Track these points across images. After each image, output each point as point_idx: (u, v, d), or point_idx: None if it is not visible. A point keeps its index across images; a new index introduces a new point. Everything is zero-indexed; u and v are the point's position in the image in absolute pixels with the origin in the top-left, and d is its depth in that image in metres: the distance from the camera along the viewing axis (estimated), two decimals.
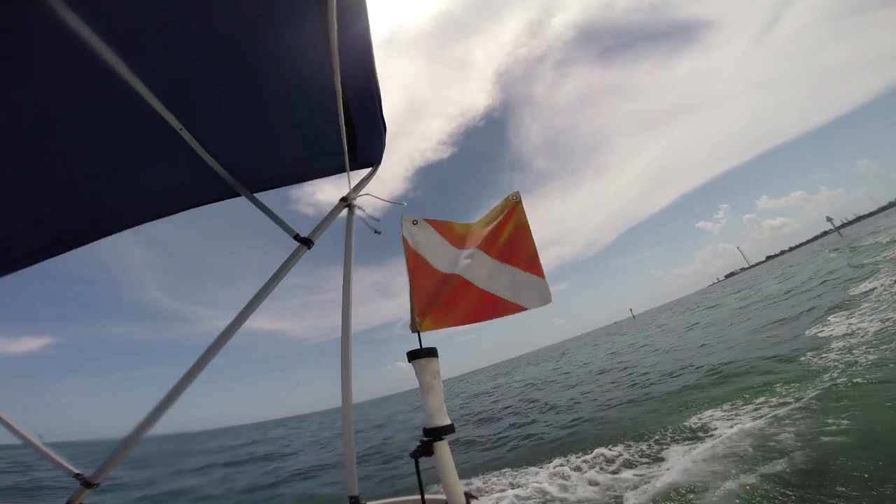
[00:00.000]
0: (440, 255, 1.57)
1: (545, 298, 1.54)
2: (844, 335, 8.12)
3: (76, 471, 1.35)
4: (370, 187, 1.74)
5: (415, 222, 1.59)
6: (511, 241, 1.58)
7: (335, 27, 1.06)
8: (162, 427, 1.39)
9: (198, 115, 1.35)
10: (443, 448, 1.23)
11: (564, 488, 5.34)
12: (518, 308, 1.54)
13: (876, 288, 10.98)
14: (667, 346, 18.23)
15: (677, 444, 5.77)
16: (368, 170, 1.74)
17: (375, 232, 1.69)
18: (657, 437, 6.27)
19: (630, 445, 6.24)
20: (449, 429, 1.26)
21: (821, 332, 9.16)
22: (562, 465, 6.26)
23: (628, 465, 5.60)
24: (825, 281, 16.72)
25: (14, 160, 1.31)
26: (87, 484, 1.26)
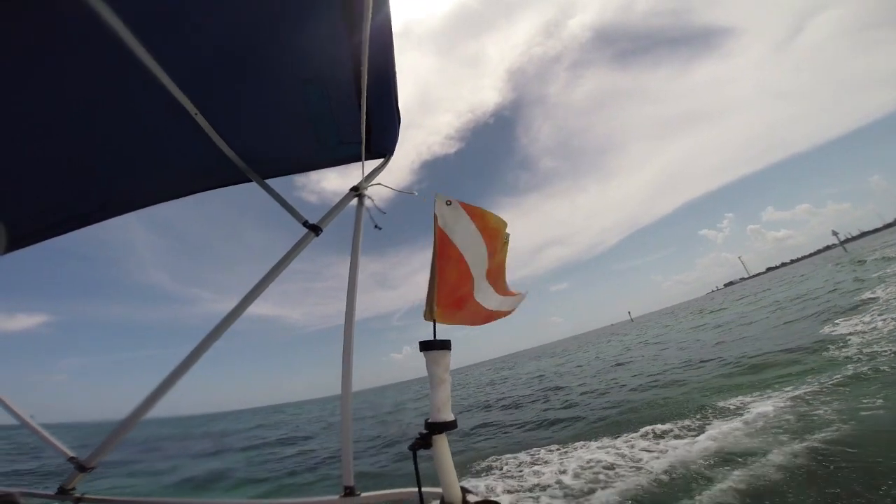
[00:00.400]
0: (469, 245, 1.51)
1: (520, 299, 1.67)
2: (860, 332, 8.85)
3: (71, 454, 1.31)
4: (381, 178, 1.73)
5: (448, 203, 1.50)
6: (495, 269, 1.62)
7: (363, 18, 1.07)
8: (155, 410, 1.36)
9: (214, 101, 1.37)
10: (442, 442, 1.22)
11: (621, 456, 5.96)
12: (502, 314, 1.64)
13: (880, 297, 11.82)
14: (678, 343, 18.66)
15: (719, 420, 6.41)
16: (380, 160, 1.73)
17: (376, 227, 1.68)
18: (698, 416, 6.92)
19: (676, 422, 6.86)
20: (452, 424, 1.24)
21: (835, 330, 9.89)
22: (612, 440, 6.91)
23: (677, 437, 6.20)
24: (833, 290, 17.44)
25: (31, 139, 1.34)
26: (82, 468, 1.23)
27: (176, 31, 1.09)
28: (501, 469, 6.63)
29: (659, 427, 6.78)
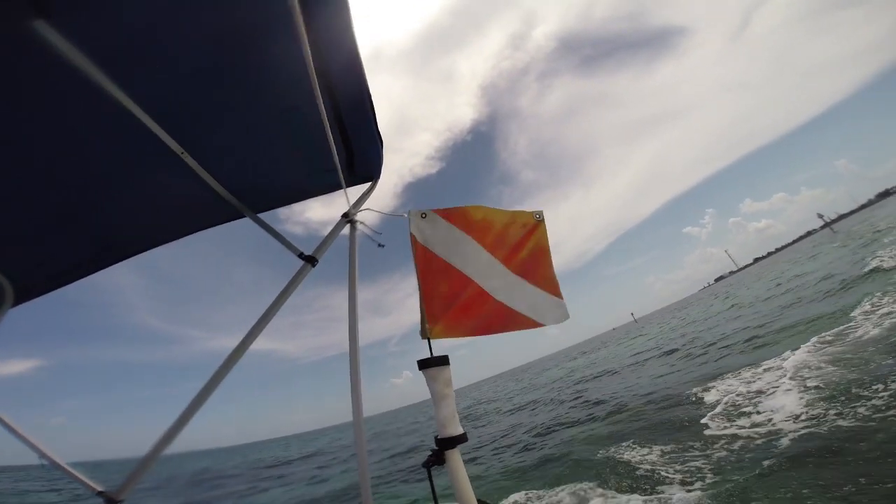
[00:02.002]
0: (455, 250, 1.49)
1: (563, 316, 1.53)
2: None
3: (99, 488, 1.33)
4: (370, 202, 1.73)
5: (423, 215, 1.51)
6: (530, 258, 1.56)
7: (321, 44, 1.11)
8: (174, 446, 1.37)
9: (198, 139, 1.37)
10: (455, 457, 1.22)
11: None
12: (535, 324, 1.51)
13: None
14: (725, 323, 19.18)
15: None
16: (368, 184, 1.75)
17: (379, 245, 1.67)
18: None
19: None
20: (461, 438, 1.24)
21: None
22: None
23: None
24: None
25: (25, 194, 1.34)
26: (111, 501, 1.23)
27: (151, 71, 1.10)
28: None
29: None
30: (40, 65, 0.97)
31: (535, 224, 1.59)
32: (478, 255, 1.52)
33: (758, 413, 6.34)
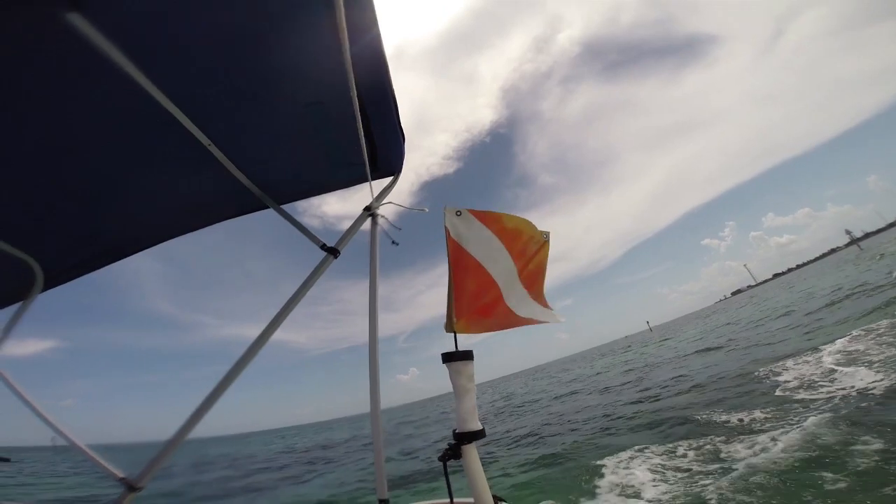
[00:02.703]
0: (486, 250, 1.52)
1: (557, 319, 1.64)
2: None
3: (121, 474, 1.34)
4: (392, 196, 1.76)
5: (458, 213, 1.52)
6: (534, 272, 1.65)
7: (347, 39, 1.11)
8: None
9: (225, 131, 1.40)
10: (471, 452, 1.22)
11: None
12: (536, 321, 1.62)
13: None
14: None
15: None
16: (390, 179, 1.76)
17: (393, 243, 1.69)
18: None
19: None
20: (480, 434, 1.25)
21: None
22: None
23: None
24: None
25: (57, 181, 1.39)
26: (132, 488, 1.25)
27: (181, 63, 1.12)
28: None
29: None
30: (74, 57, 0.99)
31: (543, 244, 1.67)
32: (505, 260, 1.56)
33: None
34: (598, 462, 6.89)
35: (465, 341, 1.39)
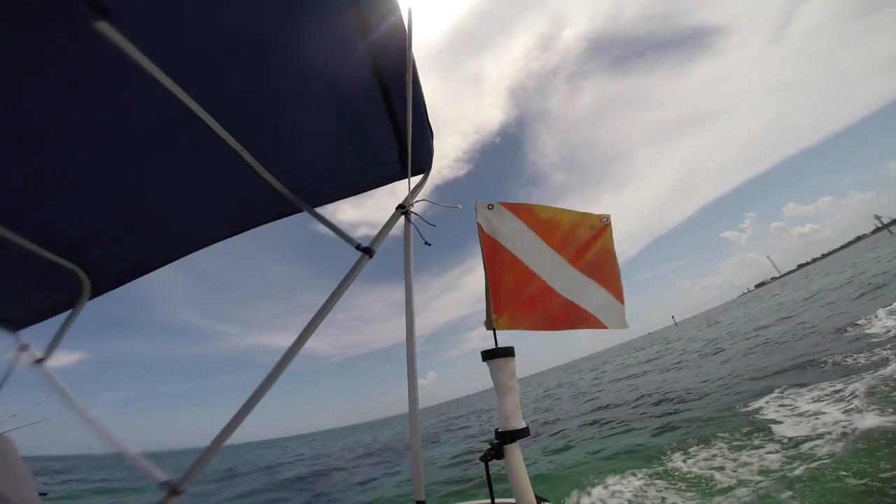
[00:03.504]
0: (522, 243, 1.49)
1: (623, 323, 1.50)
2: None
3: (164, 478, 1.37)
4: (424, 193, 1.75)
5: (490, 207, 1.51)
6: (597, 259, 1.55)
7: (375, 38, 1.12)
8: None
9: (256, 136, 1.41)
10: (514, 451, 1.20)
11: None
12: (600, 325, 1.48)
13: None
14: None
15: None
16: (420, 176, 1.76)
17: (426, 243, 1.67)
18: None
19: None
20: (524, 432, 1.22)
21: None
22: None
23: None
24: None
25: (101, 192, 1.43)
26: (174, 491, 1.28)
27: (211, 70, 1.14)
28: None
29: None
30: (105, 65, 1.01)
31: (603, 227, 1.57)
32: (543, 252, 1.51)
33: None
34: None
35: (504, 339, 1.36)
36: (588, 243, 1.55)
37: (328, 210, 1.83)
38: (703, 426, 7.11)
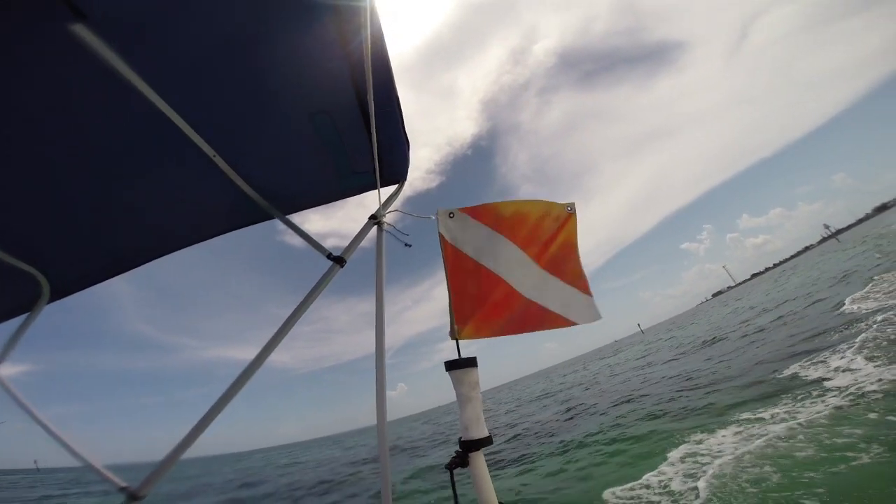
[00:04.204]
0: (484, 248, 1.48)
1: (594, 316, 1.49)
2: None
3: (122, 484, 1.34)
4: (398, 203, 1.75)
5: (451, 215, 1.52)
6: (560, 252, 1.51)
7: (354, 47, 1.12)
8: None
9: (230, 141, 1.40)
10: (478, 459, 1.21)
11: None
12: (567, 322, 1.47)
13: None
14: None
15: None
16: (395, 187, 1.76)
17: (406, 245, 1.67)
18: None
19: None
20: (486, 441, 1.24)
21: None
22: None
23: None
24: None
25: (62, 193, 1.38)
26: (133, 497, 1.25)
27: (185, 74, 1.13)
28: None
29: None
30: (79, 67, 1.00)
31: (567, 216, 1.54)
32: (509, 252, 1.49)
33: None
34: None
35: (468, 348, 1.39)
36: (553, 236, 1.52)
37: (298, 219, 1.81)
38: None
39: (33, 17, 0.88)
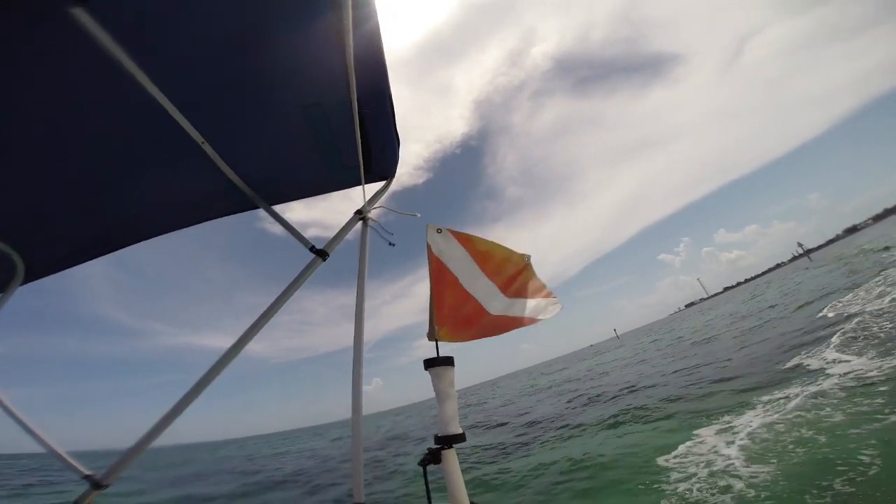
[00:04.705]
0: (463, 269, 1.60)
1: (556, 310, 1.68)
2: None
3: (87, 472, 1.32)
4: (384, 200, 1.74)
5: (439, 231, 1.60)
6: (521, 286, 1.73)
7: (350, 42, 1.11)
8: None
9: (219, 129, 1.39)
10: (451, 456, 1.23)
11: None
12: (533, 321, 1.65)
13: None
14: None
15: None
16: (382, 183, 1.76)
17: (390, 244, 1.69)
18: None
19: None
20: (460, 437, 1.26)
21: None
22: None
23: None
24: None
25: (42, 172, 1.36)
26: (97, 485, 1.24)
27: (178, 60, 1.12)
28: None
29: None
30: (74, 49, 0.99)
31: (524, 266, 1.76)
32: (480, 278, 1.65)
33: None
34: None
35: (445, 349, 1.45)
36: (515, 275, 1.73)
37: (283, 209, 1.81)
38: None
39: (34, 1, 0.87)
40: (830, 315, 13.03)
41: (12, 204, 1.48)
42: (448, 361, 1.34)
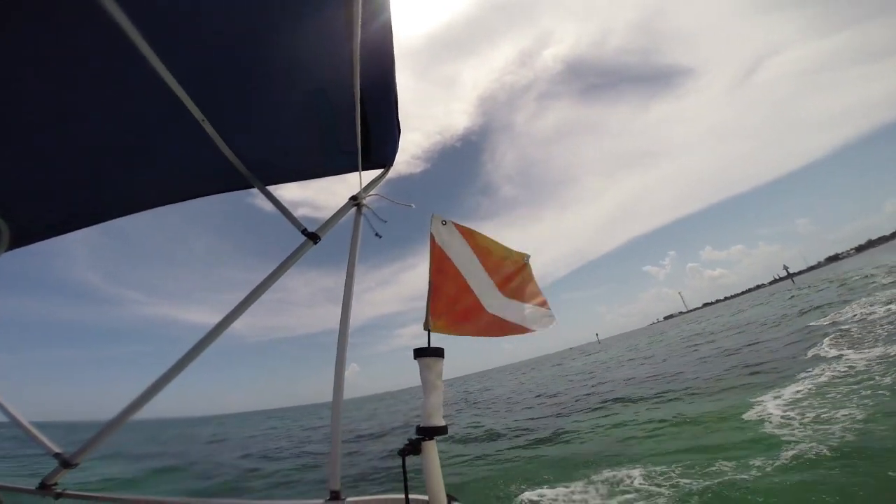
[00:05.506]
0: (464, 262, 1.63)
1: (550, 321, 1.70)
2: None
3: (56, 450, 1.29)
4: (380, 188, 1.74)
5: (444, 222, 1.62)
6: (520, 286, 1.74)
7: (359, 28, 1.10)
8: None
9: (220, 108, 1.38)
10: (431, 448, 1.23)
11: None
12: (526, 330, 1.67)
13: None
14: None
15: None
16: (380, 170, 1.75)
17: (377, 235, 1.70)
18: None
19: None
20: (442, 430, 1.26)
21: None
22: None
23: None
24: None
25: (37, 139, 1.34)
26: (66, 464, 1.21)
27: (186, 37, 1.11)
28: None
29: None
30: (79, 20, 0.98)
31: (523, 265, 1.78)
32: (480, 273, 1.67)
33: None
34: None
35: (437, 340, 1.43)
36: (513, 274, 1.75)
37: (277, 189, 1.80)
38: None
39: None
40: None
41: (3, 172, 1.46)
42: (438, 353, 1.34)
